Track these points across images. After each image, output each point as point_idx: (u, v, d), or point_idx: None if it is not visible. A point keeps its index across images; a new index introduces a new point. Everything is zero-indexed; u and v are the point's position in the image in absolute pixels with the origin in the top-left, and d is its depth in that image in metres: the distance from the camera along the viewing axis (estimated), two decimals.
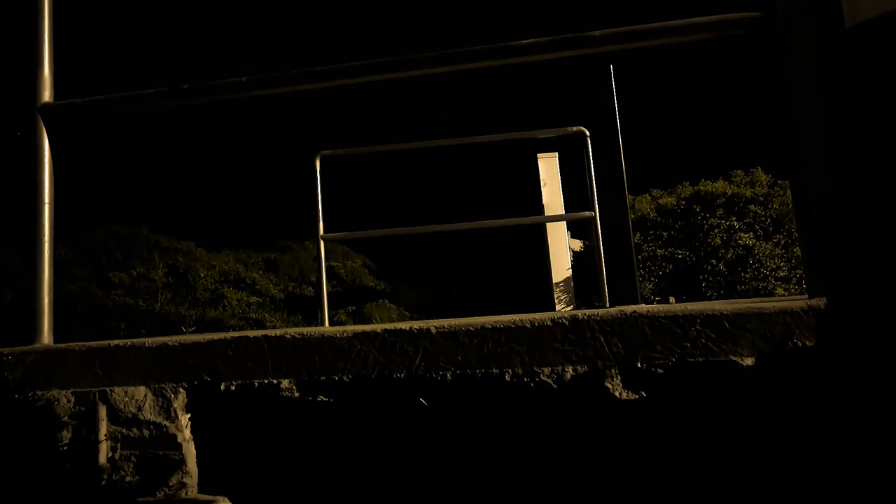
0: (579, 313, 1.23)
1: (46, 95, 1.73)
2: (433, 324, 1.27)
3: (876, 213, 1.11)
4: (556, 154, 6.60)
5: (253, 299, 6.32)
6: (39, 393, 1.36)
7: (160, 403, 1.32)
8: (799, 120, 1.27)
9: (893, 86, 1.11)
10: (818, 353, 1.10)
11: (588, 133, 3.77)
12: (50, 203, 1.68)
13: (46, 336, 1.62)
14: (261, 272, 6.80)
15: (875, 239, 1.10)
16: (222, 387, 1.30)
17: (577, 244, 7.18)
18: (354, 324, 6.10)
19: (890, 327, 1.05)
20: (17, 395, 1.36)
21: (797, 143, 1.28)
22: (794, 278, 6.58)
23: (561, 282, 6.37)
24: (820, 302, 1.12)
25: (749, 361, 1.13)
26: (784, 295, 6.03)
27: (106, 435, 1.31)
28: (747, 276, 6.64)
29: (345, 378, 1.26)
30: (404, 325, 1.28)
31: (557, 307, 6.23)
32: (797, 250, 6.46)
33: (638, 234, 6.91)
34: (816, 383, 1.09)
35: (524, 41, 1.58)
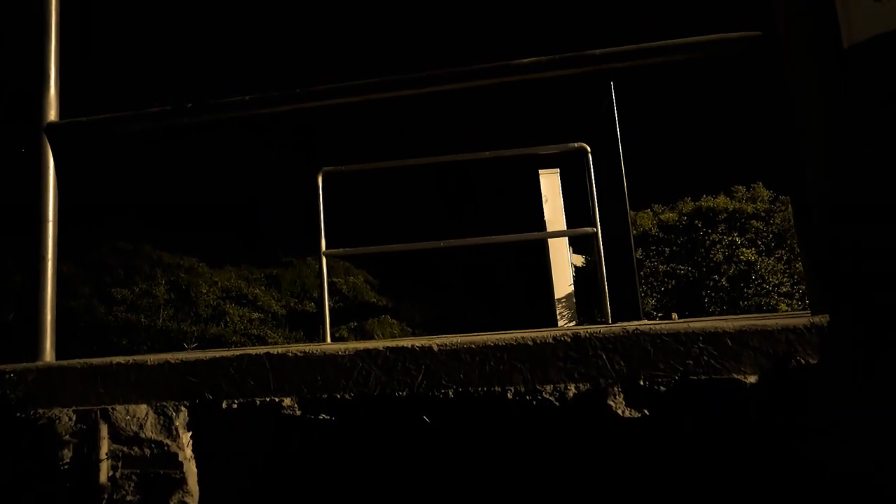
0: (581, 330, 1.22)
1: (52, 114, 1.74)
2: (435, 341, 1.27)
3: (876, 215, 1.11)
4: (558, 170, 6.62)
5: (255, 315, 6.32)
6: (41, 411, 1.35)
7: (162, 422, 1.31)
8: (799, 123, 1.27)
9: (894, 88, 1.11)
10: (820, 366, 1.09)
11: (589, 149, 3.79)
12: (54, 221, 1.69)
13: (48, 353, 1.62)
14: (263, 288, 6.80)
15: (875, 241, 1.10)
16: (224, 405, 1.30)
17: (580, 260, 7.17)
18: (356, 340, 6.08)
19: (890, 329, 1.05)
20: (18, 414, 1.35)
21: (797, 146, 1.28)
22: (796, 293, 6.56)
23: (563, 297, 6.35)
24: (822, 319, 1.12)
25: (752, 379, 1.12)
26: (787, 310, 6.00)
27: (107, 454, 1.30)
28: (750, 291, 6.62)
29: (347, 396, 1.26)
30: (406, 343, 1.28)
31: (559, 323, 6.21)
32: (799, 265, 6.44)
33: (640, 249, 6.90)
34: (818, 396, 1.08)
35: (527, 59, 1.59)
